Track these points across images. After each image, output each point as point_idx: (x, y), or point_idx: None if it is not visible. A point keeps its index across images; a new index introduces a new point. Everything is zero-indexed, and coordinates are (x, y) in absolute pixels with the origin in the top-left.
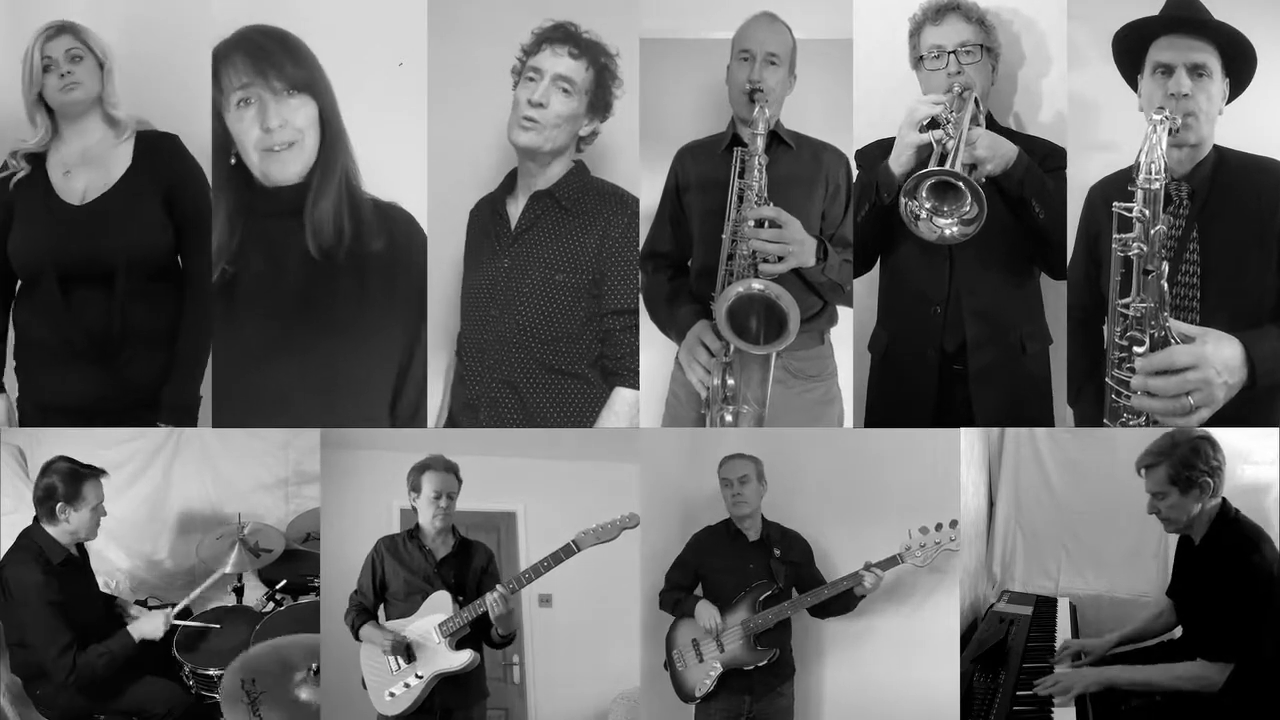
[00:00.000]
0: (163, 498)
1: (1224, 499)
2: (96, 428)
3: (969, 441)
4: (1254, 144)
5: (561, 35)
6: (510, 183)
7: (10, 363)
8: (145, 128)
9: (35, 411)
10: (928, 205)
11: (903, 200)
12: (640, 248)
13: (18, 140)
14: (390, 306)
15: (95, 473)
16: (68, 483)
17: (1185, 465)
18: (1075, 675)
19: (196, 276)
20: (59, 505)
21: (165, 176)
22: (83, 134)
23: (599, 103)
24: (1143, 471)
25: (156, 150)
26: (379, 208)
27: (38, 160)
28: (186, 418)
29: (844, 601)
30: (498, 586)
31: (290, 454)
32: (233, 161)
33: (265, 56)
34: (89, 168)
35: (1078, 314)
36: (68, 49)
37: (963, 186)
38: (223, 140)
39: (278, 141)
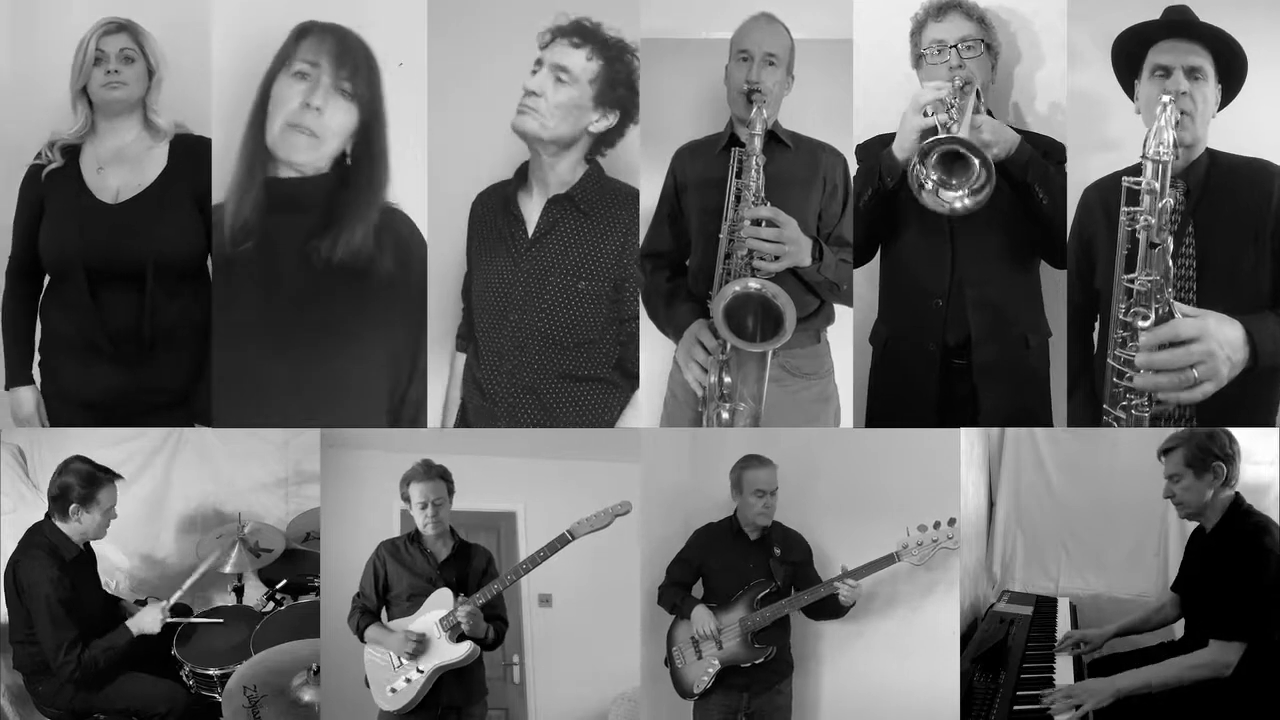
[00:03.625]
0: (162, 497)
1: (1238, 492)
2: (114, 427)
3: (969, 441)
4: (1243, 148)
5: (573, 29)
6: (522, 175)
7: (36, 358)
8: (182, 130)
9: (62, 407)
10: (934, 177)
11: (913, 162)
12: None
13: (55, 131)
14: (389, 316)
15: (111, 476)
16: (84, 485)
17: (1201, 449)
18: (1087, 690)
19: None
20: (73, 506)
21: (200, 180)
22: (118, 132)
23: (608, 96)
24: (1162, 458)
25: (193, 154)
26: (384, 214)
27: (71, 154)
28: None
29: (832, 607)
30: (464, 603)
31: (290, 454)
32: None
33: (350, 54)
34: (122, 166)
35: (1070, 314)
36: (122, 48)
37: (972, 156)
38: (263, 107)
39: (308, 122)
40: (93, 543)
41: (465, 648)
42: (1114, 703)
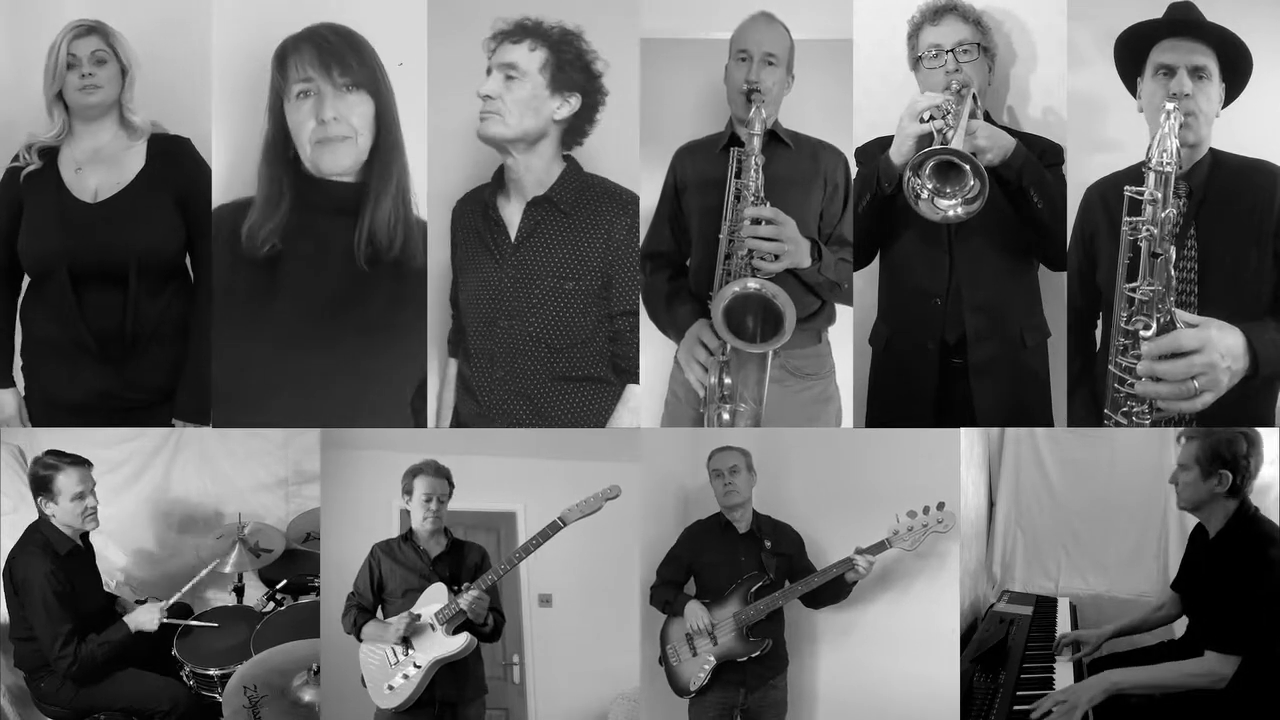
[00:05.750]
0: (162, 497)
1: (1246, 498)
2: (100, 427)
3: (969, 441)
4: (1247, 148)
5: (516, 30)
6: (499, 180)
7: (17, 360)
8: (158, 130)
9: (44, 409)
10: (929, 186)
11: (907, 175)
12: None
13: (31, 134)
14: (418, 318)
15: (77, 462)
16: (44, 473)
17: (1212, 450)
18: (1079, 689)
19: (205, 278)
20: (40, 499)
21: (178, 179)
22: (95, 134)
23: (561, 80)
24: (1181, 440)
25: (169, 153)
26: (421, 228)
27: (49, 155)
28: (199, 417)
29: (836, 589)
30: (471, 589)
31: (290, 454)
32: (291, 155)
33: (330, 51)
34: (101, 166)
35: (1070, 315)
36: (94, 50)
37: (965, 165)
38: (280, 135)
39: (331, 134)
40: (94, 541)
41: (462, 639)
42: (1111, 701)
